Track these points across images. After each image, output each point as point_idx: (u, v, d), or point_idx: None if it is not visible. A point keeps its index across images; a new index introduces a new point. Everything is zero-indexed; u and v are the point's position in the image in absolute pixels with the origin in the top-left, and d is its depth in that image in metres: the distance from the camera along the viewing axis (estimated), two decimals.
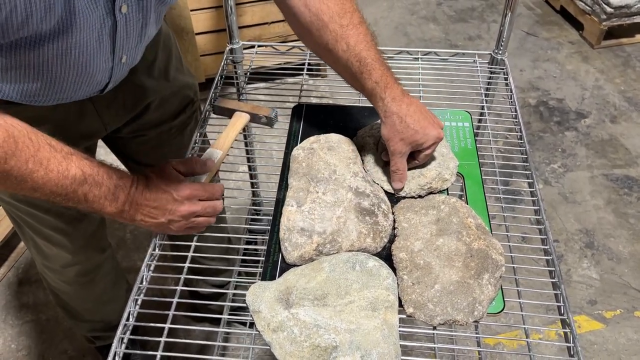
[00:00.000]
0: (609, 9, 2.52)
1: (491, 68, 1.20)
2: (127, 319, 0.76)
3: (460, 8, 2.99)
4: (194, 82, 1.14)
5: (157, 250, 0.84)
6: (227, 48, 1.26)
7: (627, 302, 1.70)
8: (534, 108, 2.38)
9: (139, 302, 0.78)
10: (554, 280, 0.81)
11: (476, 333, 0.93)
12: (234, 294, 1.33)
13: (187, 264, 0.83)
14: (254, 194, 1.60)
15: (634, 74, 2.54)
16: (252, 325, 0.74)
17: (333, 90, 0.89)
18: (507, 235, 0.88)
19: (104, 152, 1.17)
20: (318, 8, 0.83)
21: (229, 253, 1.43)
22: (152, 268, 0.82)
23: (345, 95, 1.14)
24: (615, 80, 2.51)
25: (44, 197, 0.70)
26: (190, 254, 0.85)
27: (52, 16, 0.65)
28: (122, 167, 1.13)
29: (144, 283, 0.80)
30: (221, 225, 0.94)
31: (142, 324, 0.77)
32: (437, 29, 2.84)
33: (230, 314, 0.99)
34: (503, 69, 1.19)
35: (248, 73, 1.27)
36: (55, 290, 1.28)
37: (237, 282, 1.47)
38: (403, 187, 0.88)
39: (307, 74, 1.19)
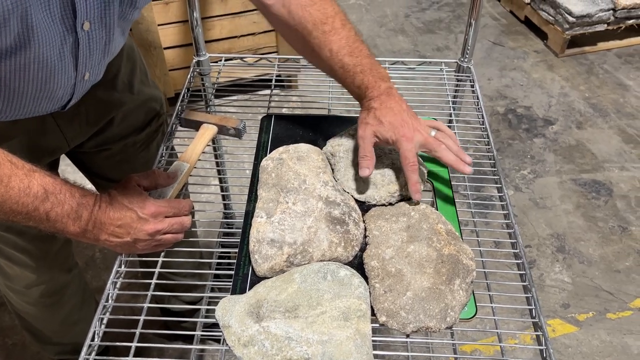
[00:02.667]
0: (571, 19, 2.59)
1: (458, 76, 1.22)
2: (92, 339, 0.73)
3: (427, 20, 3.04)
4: (159, 94, 1.12)
5: (123, 267, 0.82)
6: (194, 60, 1.25)
7: (599, 305, 1.73)
8: (502, 116, 2.42)
9: (105, 321, 0.76)
10: (524, 283, 0.81)
11: (452, 340, 0.93)
12: (207, 311, 1.30)
13: (154, 280, 0.81)
14: (226, 207, 1.58)
15: (598, 81, 2.61)
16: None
17: (303, 101, 0.89)
18: (478, 240, 0.89)
19: (71, 170, 1.14)
20: (301, 16, 0.86)
21: (200, 269, 1.41)
22: (118, 285, 0.80)
23: (315, 105, 1.14)
24: (580, 87, 2.58)
25: (3, 215, 0.67)
26: (157, 269, 0.82)
27: (8, 32, 0.63)
28: (89, 185, 1.10)
29: (110, 301, 0.78)
30: (191, 239, 0.92)
31: (109, 343, 0.74)
32: (406, 41, 2.88)
33: (203, 331, 0.97)
34: (469, 77, 1.20)
35: (216, 85, 1.26)
36: (20, 313, 1.24)
37: (210, 298, 1.44)
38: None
39: (275, 85, 1.18)
